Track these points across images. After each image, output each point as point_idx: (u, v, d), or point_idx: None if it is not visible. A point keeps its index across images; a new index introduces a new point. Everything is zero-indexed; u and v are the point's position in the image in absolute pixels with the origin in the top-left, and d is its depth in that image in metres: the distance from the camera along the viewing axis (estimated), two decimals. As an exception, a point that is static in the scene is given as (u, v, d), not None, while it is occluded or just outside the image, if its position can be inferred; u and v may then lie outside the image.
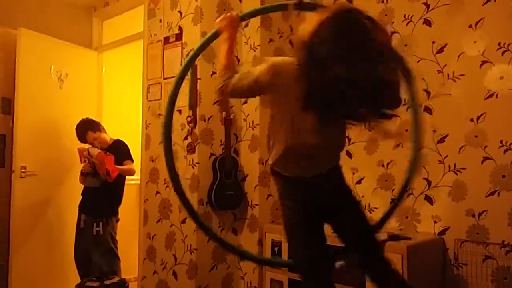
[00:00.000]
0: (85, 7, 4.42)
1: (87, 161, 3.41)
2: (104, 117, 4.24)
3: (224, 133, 3.09)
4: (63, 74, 4.01)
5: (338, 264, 2.44)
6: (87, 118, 3.63)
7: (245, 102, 3.21)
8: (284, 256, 2.79)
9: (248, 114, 3.18)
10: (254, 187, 3.12)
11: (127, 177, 3.65)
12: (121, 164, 3.43)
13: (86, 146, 3.50)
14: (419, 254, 2.36)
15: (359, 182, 3.02)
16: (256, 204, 3.10)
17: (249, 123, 3.16)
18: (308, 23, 1.41)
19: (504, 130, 2.45)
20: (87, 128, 3.53)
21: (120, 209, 3.60)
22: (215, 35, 1.86)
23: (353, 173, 3.04)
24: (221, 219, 3.08)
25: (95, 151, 3.34)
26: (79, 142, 3.56)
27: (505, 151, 2.44)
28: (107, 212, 3.48)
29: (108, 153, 3.32)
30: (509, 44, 2.46)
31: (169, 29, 3.25)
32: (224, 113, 3.09)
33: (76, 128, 3.54)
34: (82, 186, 3.60)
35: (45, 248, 3.78)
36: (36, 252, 3.69)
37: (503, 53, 2.48)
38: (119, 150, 3.51)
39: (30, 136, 3.70)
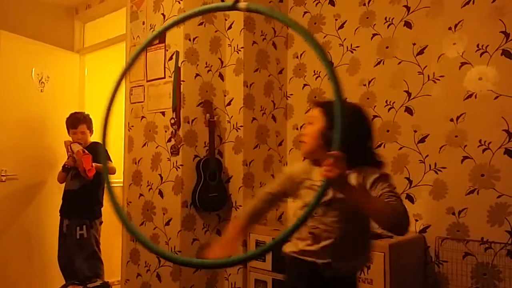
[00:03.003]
0: (67, 9, 4.39)
1: (70, 155, 3.40)
2: (86, 120, 4.21)
3: (208, 135, 3.09)
4: (44, 77, 3.97)
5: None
6: (88, 114, 3.65)
7: (229, 104, 3.22)
8: (268, 256, 2.80)
9: (232, 116, 3.19)
10: (238, 188, 3.13)
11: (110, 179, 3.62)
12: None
13: (71, 140, 3.49)
14: (401, 252, 2.40)
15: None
16: (240, 205, 3.11)
17: (233, 125, 3.17)
18: None
19: (482, 129, 2.50)
20: (84, 121, 3.55)
21: (103, 211, 3.57)
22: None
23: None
24: (205, 221, 3.08)
25: (76, 148, 3.33)
26: (60, 145, 3.53)
27: (483, 150, 2.49)
28: (90, 214, 3.45)
29: (85, 152, 3.30)
30: (487, 45, 2.51)
31: (152, 32, 3.25)
32: (208, 115, 3.09)
33: (74, 115, 3.57)
34: (63, 189, 3.57)
35: (24, 252, 3.73)
36: (15, 256, 3.64)
37: (481, 54, 2.53)
38: (98, 152, 3.49)
39: (10, 139, 3.66)
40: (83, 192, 3.42)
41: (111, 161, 3.55)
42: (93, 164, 3.31)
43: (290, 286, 1.74)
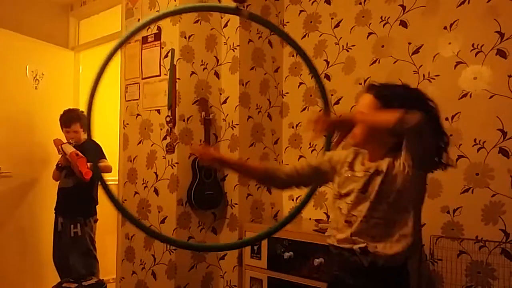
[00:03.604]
0: (62, 6, 4.37)
1: (62, 155, 3.40)
2: (81, 117, 4.18)
3: (204, 133, 3.09)
4: (39, 74, 3.96)
5: (317, 261, 2.48)
6: (82, 112, 3.62)
7: (225, 102, 3.21)
8: (264, 254, 2.80)
9: (227, 114, 3.19)
10: (233, 186, 3.13)
11: (105, 177, 3.62)
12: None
13: (63, 140, 3.47)
14: (396, 250, 2.40)
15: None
16: (236, 204, 3.11)
17: (229, 123, 3.17)
18: None
19: (477, 129, 2.51)
20: (78, 120, 3.52)
21: (98, 209, 3.56)
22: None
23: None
24: (200, 219, 3.08)
25: (69, 150, 3.31)
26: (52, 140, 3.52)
27: (478, 150, 2.50)
28: (84, 212, 3.44)
29: (79, 154, 3.28)
30: (482, 45, 2.53)
31: (148, 29, 3.23)
32: (203, 113, 3.09)
33: (67, 113, 3.54)
34: (57, 187, 3.56)
35: (19, 249, 3.72)
36: (10, 253, 3.63)
37: (476, 54, 2.55)
38: (92, 150, 3.47)
39: (5, 137, 3.64)
40: (77, 190, 3.42)
41: (106, 159, 3.55)
42: (89, 164, 3.30)
43: (338, 279, 1.71)
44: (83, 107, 4.10)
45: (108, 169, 3.53)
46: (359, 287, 1.58)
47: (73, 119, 3.51)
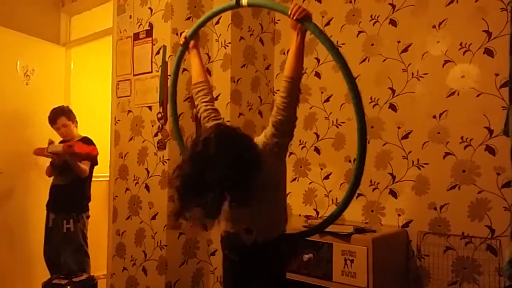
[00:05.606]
0: (53, 2, 4.36)
1: (54, 157, 3.39)
2: (72, 113, 4.18)
3: (195, 129, 3.10)
4: (30, 70, 3.94)
5: (306, 256, 2.51)
6: (68, 106, 3.65)
7: (216, 99, 3.22)
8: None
9: (218, 111, 3.20)
10: (224, 183, 3.14)
11: (96, 174, 3.63)
12: None
13: (42, 146, 3.46)
14: (384, 246, 2.44)
15: (327, 177, 3.09)
16: (226, 200, 3.12)
17: (220, 120, 3.18)
18: None
19: (464, 126, 2.55)
20: (62, 114, 3.53)
21: (90, 206, 3.56)
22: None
23: (321, 169, 3.11)
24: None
25: (58, 148, 3.31)
26: (45, 139, 3.51)
27: (465, 147, 2.54)
28: (77, 208, 3.45)
29: (71, 143, 3.30)
30: (470, 44, 2.56)
31: (139, 25, 3.24)
32: (195, 109, 3.07)
33: (53, 110, 3.55)
34: (48, 183, 3.55)
35: (8, 246, 3.71)
36: None
37: (464, 53, 2.58)
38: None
39: (-6, 132, 3.63)
40: (71, 187, 3.42)
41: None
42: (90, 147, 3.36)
43: (227, 258, 1.95)
44: (74, 104, 4.11)
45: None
46: (244, 264, 1.84)
47: (57, 114, 3.52)
